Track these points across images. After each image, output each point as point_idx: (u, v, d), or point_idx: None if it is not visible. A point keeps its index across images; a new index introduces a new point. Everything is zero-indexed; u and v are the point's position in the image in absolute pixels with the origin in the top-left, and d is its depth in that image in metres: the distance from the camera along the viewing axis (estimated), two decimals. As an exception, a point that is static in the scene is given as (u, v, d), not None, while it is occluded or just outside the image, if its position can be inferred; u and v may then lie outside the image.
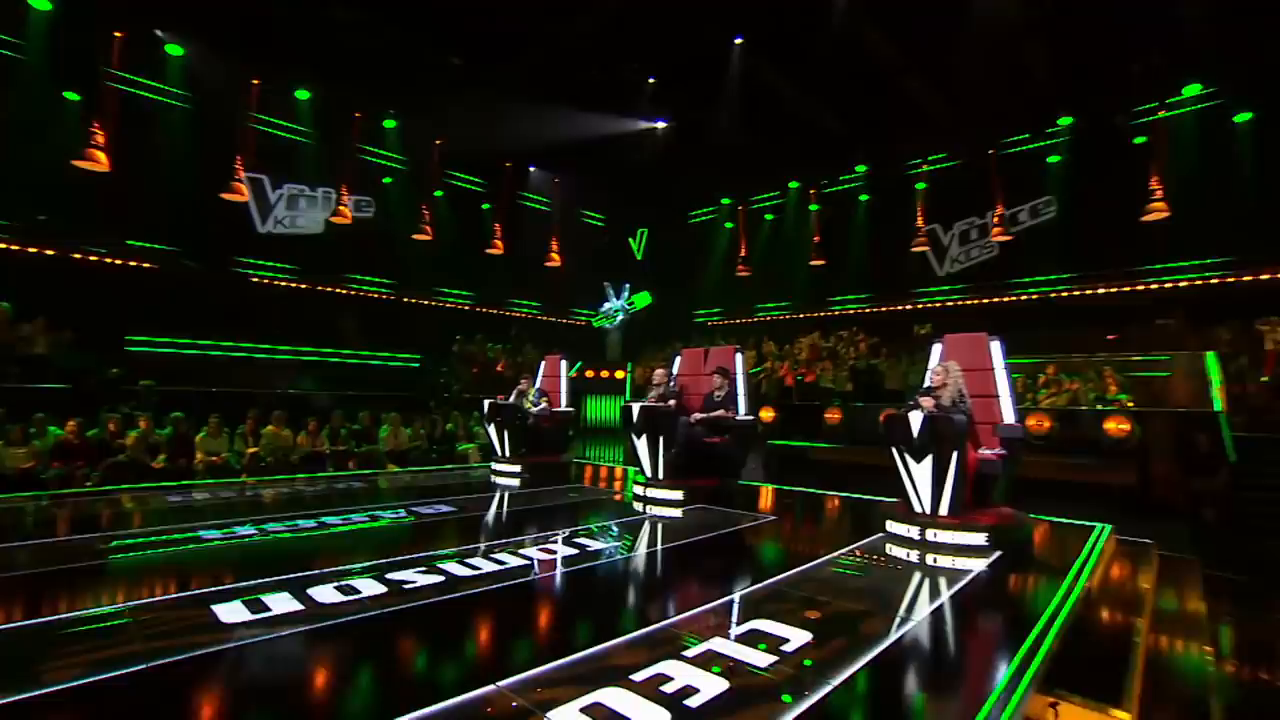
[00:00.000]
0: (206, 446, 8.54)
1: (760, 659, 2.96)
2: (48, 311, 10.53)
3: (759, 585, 4.12)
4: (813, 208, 18.21)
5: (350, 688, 2.72)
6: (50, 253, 11.98)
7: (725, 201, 20.39)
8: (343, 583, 3.86)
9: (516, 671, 2.77)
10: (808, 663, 2.93)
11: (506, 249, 16.82)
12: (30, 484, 7.46)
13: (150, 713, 2.46)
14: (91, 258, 12.38)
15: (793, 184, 19.04)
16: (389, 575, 4.04)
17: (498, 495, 7.60)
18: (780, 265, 18.77)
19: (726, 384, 7.53)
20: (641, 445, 7.25)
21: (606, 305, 20.45)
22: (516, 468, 8.55)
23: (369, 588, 3.80)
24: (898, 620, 3.53)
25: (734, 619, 3.48)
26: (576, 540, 5.19)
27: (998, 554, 4.74)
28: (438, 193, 16.81)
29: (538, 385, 9.89)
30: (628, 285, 20.53)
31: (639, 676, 2.76)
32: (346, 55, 13.11)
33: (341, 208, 14.06)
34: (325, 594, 3.67)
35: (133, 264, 12.72)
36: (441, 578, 4.04)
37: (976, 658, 3.28)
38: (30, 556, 4.50)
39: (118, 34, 11.86)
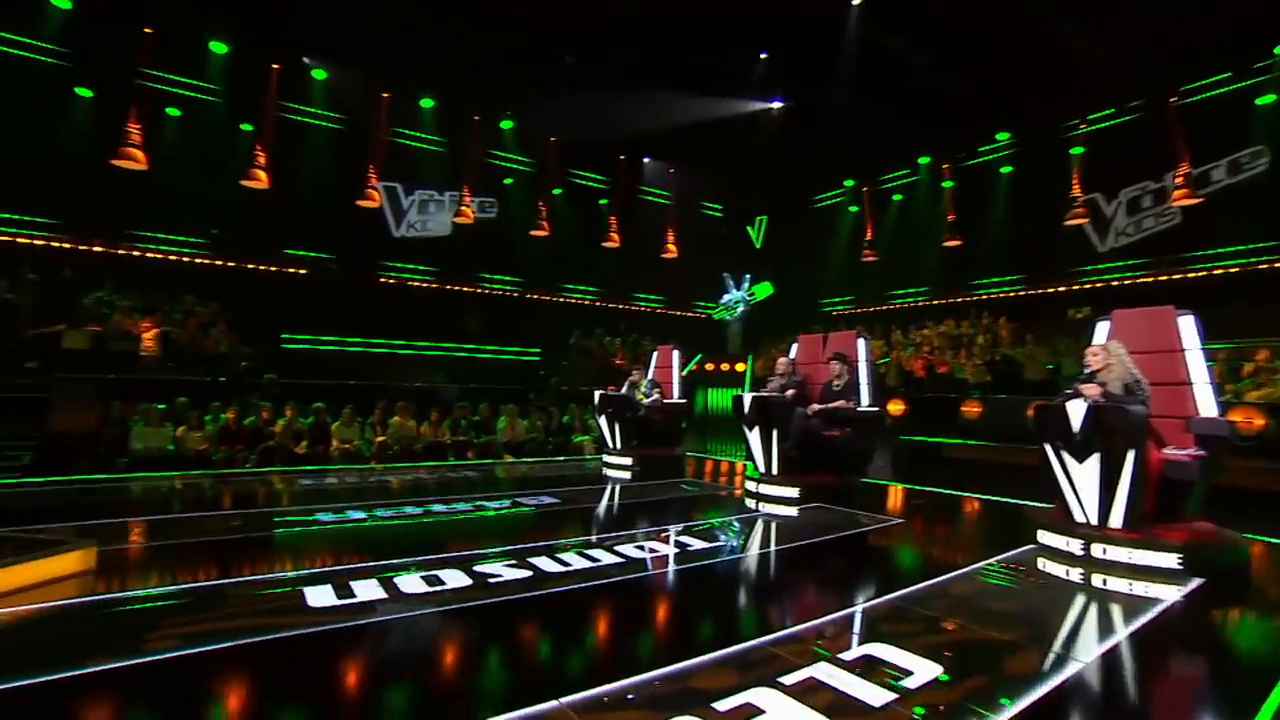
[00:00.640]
0: (341, 434, 9.11)
1: (874, 695, 2.42)
2: (223, 315, 11.78)
3: (880, 600, 3.52)
4: (946, 184, 16.51)
5: (405, 691, 2.52)
6: (231, 264, 13.45)
7: (849, 183, 19.04)
8: (430, 573, 3.74)
9: (586, 686, 2.44)
10: (936, 692, 2.35)
11: (623, 243, 16.75)
12: (204, 464, 8.33)
13: (207, 695, 2.39)
14: (260, 267, 13.77)
15: (923, 160, 17.37)
16: (476, 567, 3.88)
17: (606, 488, 7.41)
18: (911, 248, 17.19)
19: (846, 372, 6.81)
20: (754, 438, 6.73)
21: (726, 297, 19.85)
22: (627, 460, 8.33)
23: (454, 579, 3.65)
24: (1054, 657, 2.81)
25: (846, 639, 2.94)
26: (678, 538, 4.82)
27: (1198, 581, 3.77)
28: (556, 190, 17.06)
29: (650, 376, 9.61)
30: (748, 276, 19.82)
31: (723, 706, 2.33)
32: (463, 61, 13.54)
33: (464, 208, 14.61)
34: (411, 584, 3.56)
35: (288, 270, 13.98)
36: (529, 573, 3.82)
37: None
38: (189, 526, 4.86)
39: (275, 65, 13.05)
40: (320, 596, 3.31)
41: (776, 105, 16.00)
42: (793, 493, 6.23)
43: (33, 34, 11.89)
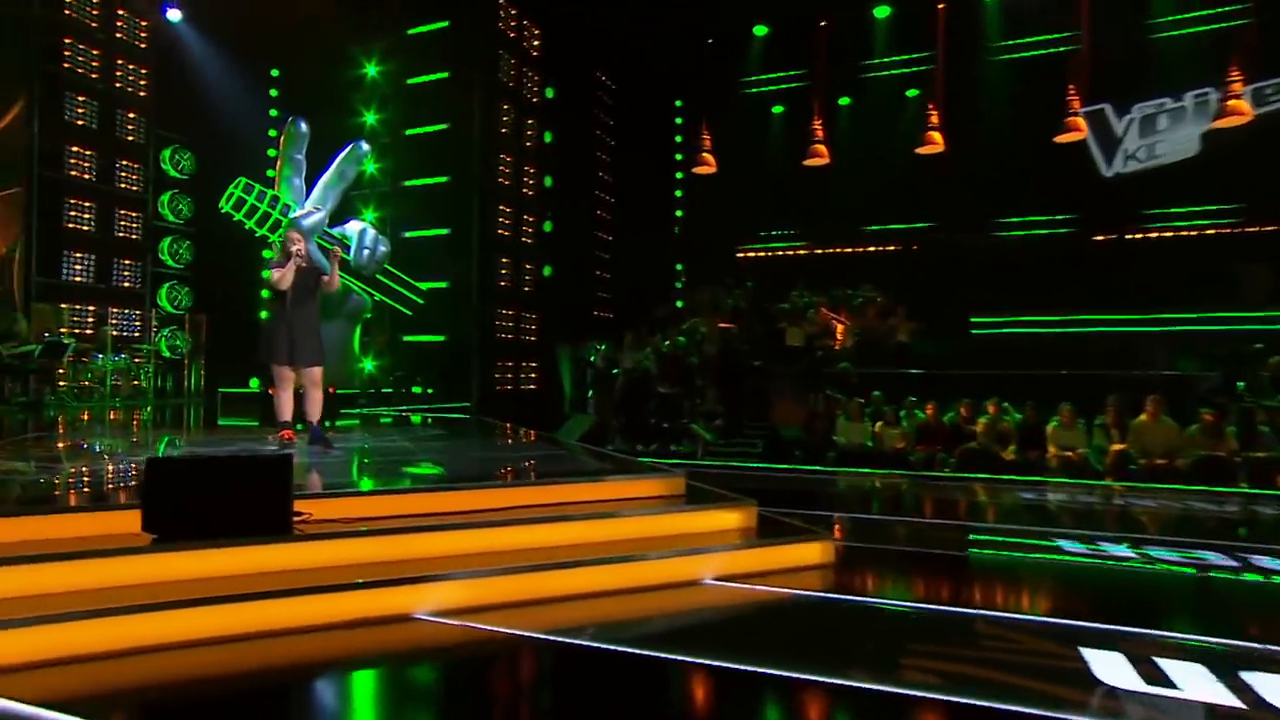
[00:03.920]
0: (1059, 439, 8.29)
1: None
2: (906, 301, 12.60)
3: None
4: None
5: None
6: (910, 246, 14.46)
7: None
8: (1305, 678, 2.54)
9: None
10: None
11: None
12: (901, 463, 8.90)
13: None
14: (939, 241, 14.33)
15: None
16: None
17: None
18: None
19: None
20: None
21: None
22: None
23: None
24: None
25: None
26: None
27: None
28: None
29: None
30: None
31: None
32: None
33: (1232, 104, 11.16)
34: (1274, 687, 2.46)
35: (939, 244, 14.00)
36: None
37: None
38: (907, 533, 5.09)
39: (940, 4, 13.30)
40: (1111, 668, 2.61)
41: None
42: None
43: (746, 71, 15.51)
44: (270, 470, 2.89)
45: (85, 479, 4.44)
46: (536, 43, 13.89)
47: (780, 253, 16.03)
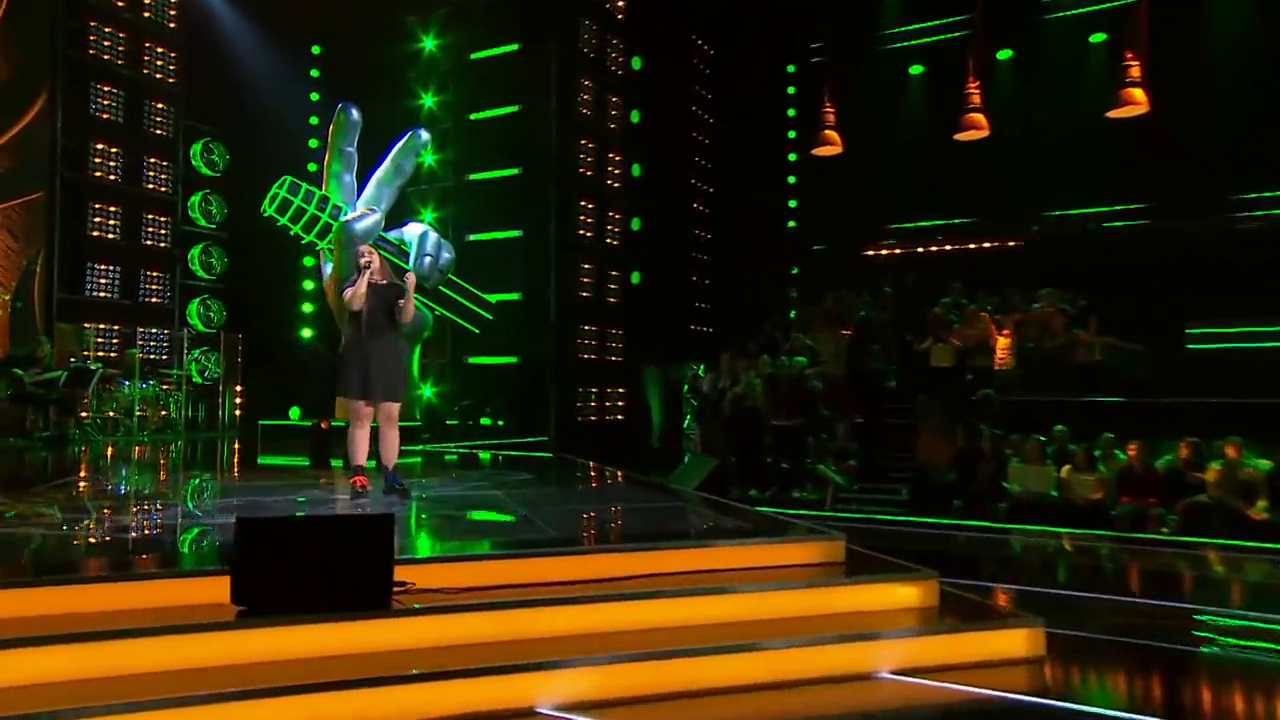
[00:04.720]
0: (1338, 493, 7.82)
1: None
2: (1095, 306, 12.01)
3: None
4: None
5: None
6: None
7: None
8: None
9: None
10: None
11: None
12: (1098, 520, 8.48)
13: None
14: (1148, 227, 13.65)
15: None
16: None
17: None
18: None
19: None
20: None
21: None
22: None
23: None
24: None
25: None
26: None
27: None
28: None
29: None
30: None
31: None
32: None
33: None
34: None
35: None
36: None
37: None
38: (1129, 616, 4.85)
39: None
40: None
41: None
42: None
43: (879, 25, 15.38)
44: (370, 533, 2.98)
45: (134, 536, 4.70)
46: (621, 3, 14.13)
47: (924, 249, 15.67)
